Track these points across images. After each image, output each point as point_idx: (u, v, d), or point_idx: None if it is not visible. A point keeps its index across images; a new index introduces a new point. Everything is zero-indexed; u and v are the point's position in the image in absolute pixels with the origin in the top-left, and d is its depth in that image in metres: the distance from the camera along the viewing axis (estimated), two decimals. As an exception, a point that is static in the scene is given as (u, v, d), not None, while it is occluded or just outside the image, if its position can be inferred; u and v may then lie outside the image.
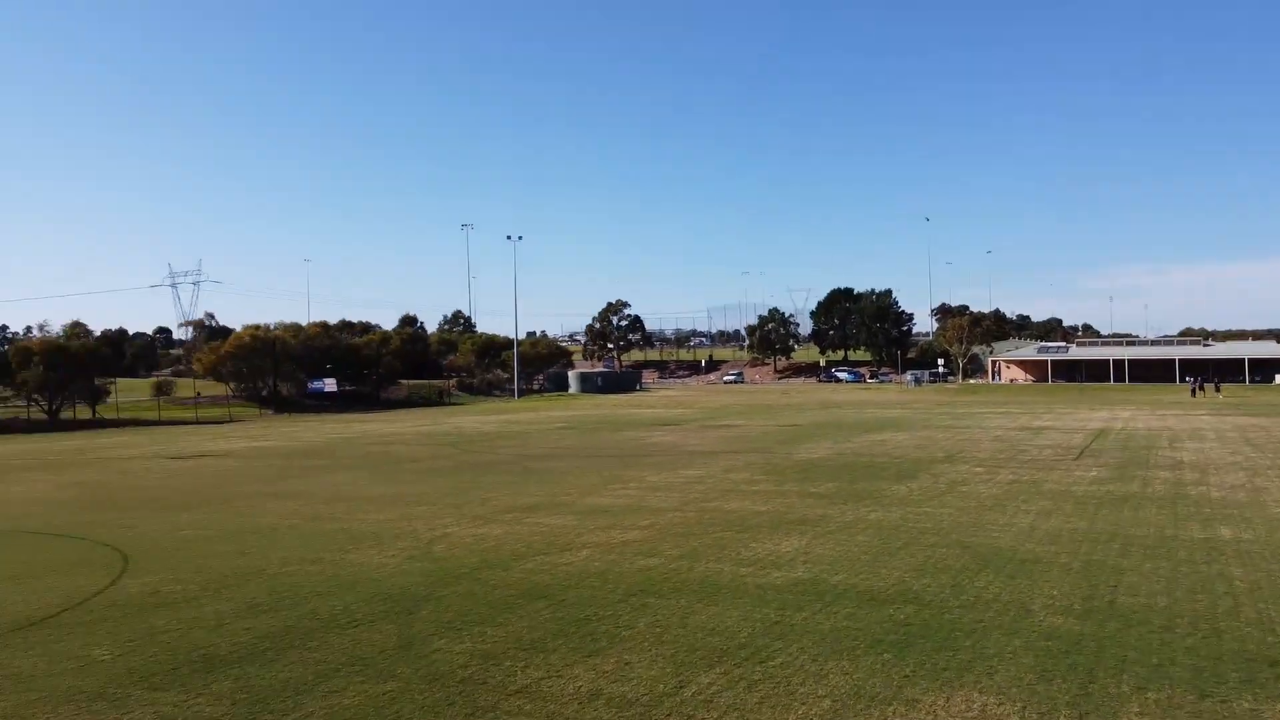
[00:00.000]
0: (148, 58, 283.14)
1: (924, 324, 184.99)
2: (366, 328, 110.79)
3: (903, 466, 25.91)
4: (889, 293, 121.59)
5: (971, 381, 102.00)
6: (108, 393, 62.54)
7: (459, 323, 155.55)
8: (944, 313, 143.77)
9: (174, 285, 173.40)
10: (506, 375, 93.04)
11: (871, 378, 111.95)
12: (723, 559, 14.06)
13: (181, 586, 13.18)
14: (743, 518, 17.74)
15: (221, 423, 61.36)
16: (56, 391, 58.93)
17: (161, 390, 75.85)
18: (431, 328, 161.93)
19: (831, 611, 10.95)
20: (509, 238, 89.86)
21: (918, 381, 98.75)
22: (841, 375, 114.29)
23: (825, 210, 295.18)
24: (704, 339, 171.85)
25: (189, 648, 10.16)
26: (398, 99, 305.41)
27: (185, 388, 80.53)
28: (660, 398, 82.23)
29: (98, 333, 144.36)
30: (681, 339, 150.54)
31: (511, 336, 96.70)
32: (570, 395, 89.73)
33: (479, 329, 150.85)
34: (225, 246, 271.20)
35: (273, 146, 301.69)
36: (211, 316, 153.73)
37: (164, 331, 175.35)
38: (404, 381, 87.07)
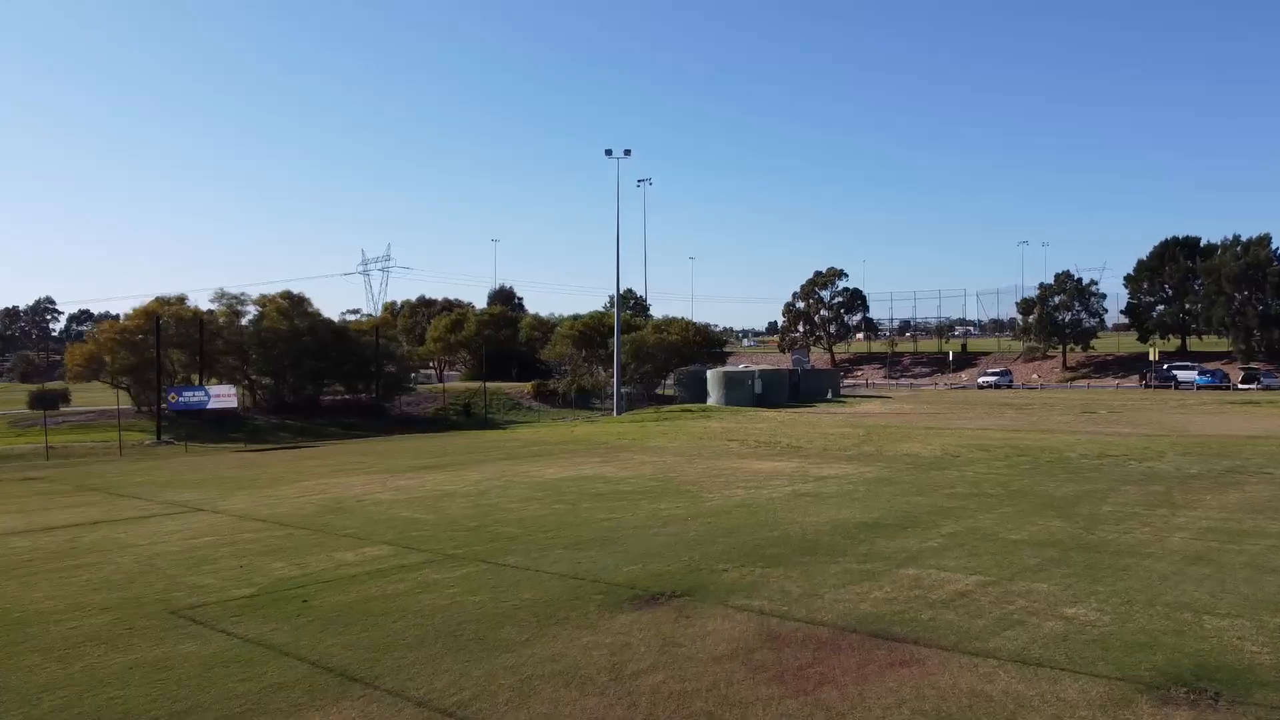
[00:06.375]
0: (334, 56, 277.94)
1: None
2: (450, 306, 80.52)
3: None
4: (1265, 240, 74.64)
5: None
6: None
7: (629, 305, 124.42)
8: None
9: (365, 272, 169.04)
10: (609, 374, 58.86)
11: (1247, 381, 66.46)
12: None
13: None
14: None
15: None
16: None
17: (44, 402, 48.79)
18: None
19: None
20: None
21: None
22: (1185, 376, 69.50)
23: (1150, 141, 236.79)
24: (972, 328, 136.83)
25: None
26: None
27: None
28: (841, 420, 44.90)
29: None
30: (943, 329, 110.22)
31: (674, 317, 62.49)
32: (706, 409, 54.05)
33: (653, 313, 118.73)
34: (415, 231, 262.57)
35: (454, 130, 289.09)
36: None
37: (355, 314, 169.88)
38: (434, 386, 55.52)
